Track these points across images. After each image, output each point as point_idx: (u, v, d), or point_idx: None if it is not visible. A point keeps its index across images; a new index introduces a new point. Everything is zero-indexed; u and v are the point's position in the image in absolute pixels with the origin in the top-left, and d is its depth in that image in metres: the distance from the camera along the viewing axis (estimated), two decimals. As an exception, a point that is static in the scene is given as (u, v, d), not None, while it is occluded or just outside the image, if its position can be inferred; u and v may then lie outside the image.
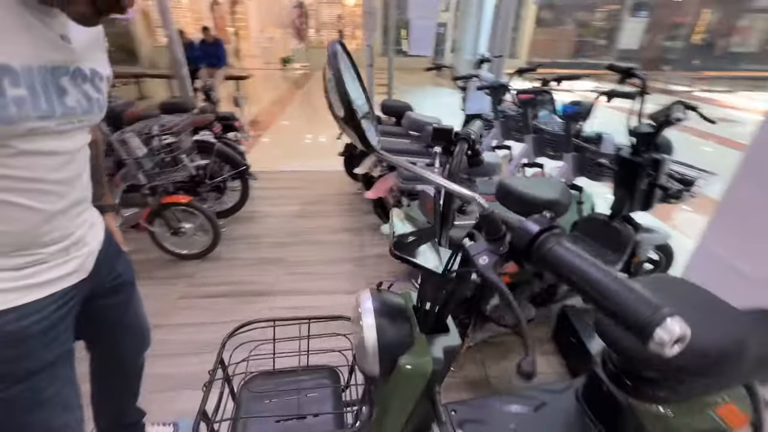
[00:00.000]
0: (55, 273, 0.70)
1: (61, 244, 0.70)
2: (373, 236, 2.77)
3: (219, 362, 0.85)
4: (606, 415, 1.07)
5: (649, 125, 1.69)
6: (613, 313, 0.31)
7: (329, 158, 4.12)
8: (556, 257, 0.37)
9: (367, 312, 0.70)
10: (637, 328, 0.28)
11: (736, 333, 0.85)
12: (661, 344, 0.27)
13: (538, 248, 0.39)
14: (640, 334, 0.28)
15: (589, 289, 0.33)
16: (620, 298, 0.30)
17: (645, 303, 0.29)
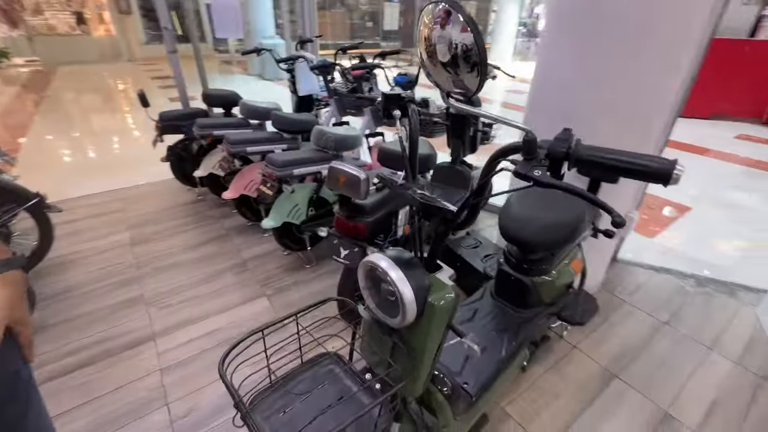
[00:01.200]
0: None
1: None
2: (246, 237, 2.55)
3: (236, 405, 0.73)
4: (515, 297, 1.43)
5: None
6: (641, 171, 0.51)
7: (143, 168, 3.42)
8: (589, 155, 0.55)
9: (392, 268, 0.75)
10: (661, 174, 0.49)
11: (580, 211, 1.30)
12: (677, 178, 0.48)
13: (576, 153, 0.56)
14: (665, 176, 0.49)
15: (617, 164, 0.52)
16: (641, 161, 0.50)
17: (659, 160, 0.49)
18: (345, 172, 1.35)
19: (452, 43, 0.56)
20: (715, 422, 1.47)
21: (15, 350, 0.63)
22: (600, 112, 1.63)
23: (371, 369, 0.96)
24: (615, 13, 1.45)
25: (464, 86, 0.62)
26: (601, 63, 1.54)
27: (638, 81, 1.54)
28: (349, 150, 2.20)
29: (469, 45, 0.55)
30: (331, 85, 2.98)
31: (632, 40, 1.47)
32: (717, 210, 3.15)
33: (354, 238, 1.53)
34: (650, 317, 1.96)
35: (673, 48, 1.49)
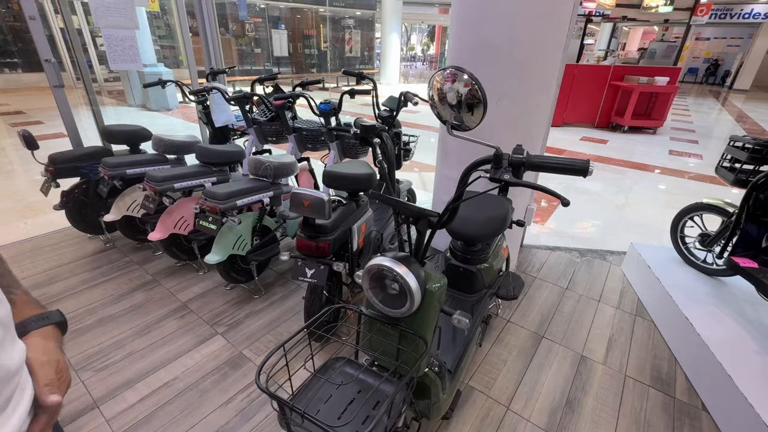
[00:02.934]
0: None
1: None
2: (178, 279, 2.38)
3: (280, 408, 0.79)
4: (465, 284, 1.70)
5: (386, 110, 2.45)
6: (570, 169, 0.78)
7: (30, 219, 2.92)
8: (538, 161, 0.80)
9: (397, 265, 0.92)
10: (583, 169, 0.76)
11: (505, 208, 1.63)
12: (592, 170, 0.76)
13: (529, 161, 0.81)
14: (584, 171, 0.76)
15: (558, 165, 0.79)
16: (570, 162, 0.78)
17: (580, 161, 0.77)
18: (309, 196, 1.46)
19: (459, 92, 0.78)
20: (614, 353, 1.94)
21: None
22: (502, 126, 2.04)
23: (376, 363, 1.09)
24: (505, 48, 1.87)
25: (461, 120, 0.84)
26: (498, 87, 1.96)
27: (525, 100, 1.99)
28: (287, 177, 2.27)
29: (469, 95, 0.77)
30: (249, 115, 2.99)
31: (519, 70, 1.91)
32: (580, 196, 4.01)
33: (318, 257, 1.63)
34: (555, 286, 2.45)
35: (546, 73, 1.98)
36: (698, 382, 1.74)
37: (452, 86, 0.82)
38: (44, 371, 0.57)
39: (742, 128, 8.11)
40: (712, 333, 1.76)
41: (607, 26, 11.96)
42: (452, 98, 0.82)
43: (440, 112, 0.88)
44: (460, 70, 0.80)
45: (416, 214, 0.92)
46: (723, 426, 1.56)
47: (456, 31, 2.05)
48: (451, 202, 0.93)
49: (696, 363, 1.78)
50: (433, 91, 0.86)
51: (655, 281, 2.20)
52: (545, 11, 1.82)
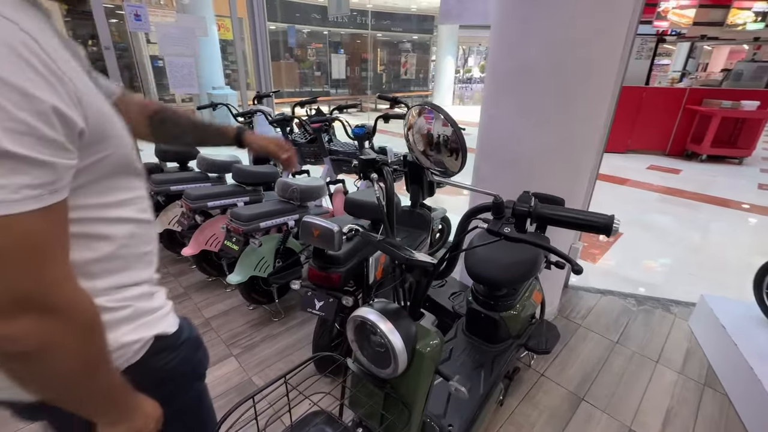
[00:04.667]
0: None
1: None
2: (206, 294, 2.44)
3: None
4: (486, 333, 1.52)
5: (419, 136, 2.36)
6: (587, 225, 0.62)
7: None
8: (547, 213, 0.66)
9: (381, 320, 0.81)
10: (605, 227, 0.61)
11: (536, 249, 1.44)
12: (616, 229, 0.60)
13: (536, 211, 0.67)
14: (607, 229, 0.61)
15: (571, 220, 0.64)
16: (588, 217, 0.62)
17: (601, 216, 0.62)
18: (319, 225, 1.40)
19: (436, 134, 0.68)
20: (674, 426, 1.61)
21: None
22: (540, 155, 1.85)
23: (362, 423, 0.97)
24: (544, 72, 1.71)
25: (443, 165, 0.73)
26: (538, 114, 1.78)
27: (569, 128, 1.80)
28: (314, 200, 2.26)
29: (449, 136, 0.66)
30: (290, 136, 3.07)
31: (561, 95, 1.73)
32: (644, 233, 3.56)
33: (328, 288, 1.55)
34: (603, 338, 2.13)
35: (594, 98, 1.77)
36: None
37: (429, 125, 0.71)
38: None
39: None
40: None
41: (684, 46, 10.97)
42: (428, 140, 0.71)
43: (417, 156, 0.77)
44: (436, 109, 0.68)
45: (408, 262, 0.81)
46: None
47: (494, 54, 1.92)
48: (449, 250, 0.81)
49: None
50: (408, 128, 0.75)
51: (731, 345, 1.83)
52: (593, 33, 1.64)
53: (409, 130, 0.77)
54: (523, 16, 1.71)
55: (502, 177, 1.97)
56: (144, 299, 0.62)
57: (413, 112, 0.73)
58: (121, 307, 0.57)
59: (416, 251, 0.84)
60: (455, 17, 2.59)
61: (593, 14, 1.60)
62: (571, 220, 0.65)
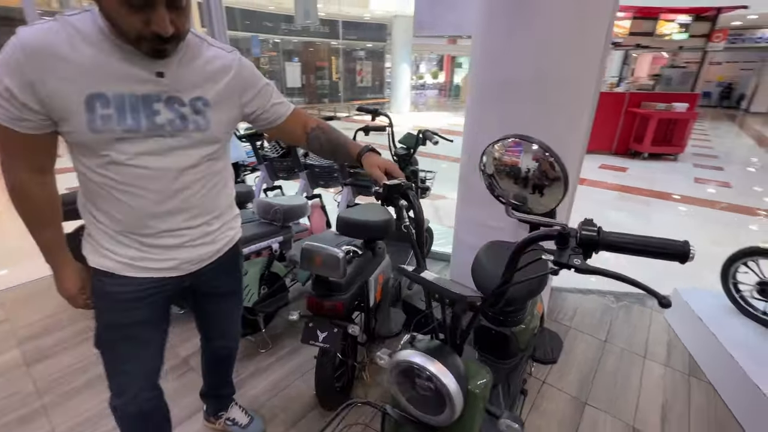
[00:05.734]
0: (151, 264, 0.95)
1: (160, 241, 0.93)
2: (180, 329, 2.21)
3: None
4: (498, 349, 1.49)
5: (403, 148, 2.32)
6: (659, 253, 0.60)
7: (21, 263, 2.83)
8: (615, 240, 0.63)
9: (430, 363, 0.74)
10: (679, 254, 0.58)
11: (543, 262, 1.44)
12: (693, 255, 0.58)
13: (604, 240, 0.63)
14: (683, 256, 0.58)
15: (641, 249, 0.61)
16: (660, 243, 0.60)
17: (674, 242, 0.59)
18: (321, 251, 1.30)
19: (525, 167, 0.62)
20: (671, 425, 1.67)
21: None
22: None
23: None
24: (528, 82, 1.73)
25: (524, 200, 0.68)
26: (524, 124, 1.80)
27: (554, 136, 1.82)
28: (297, 219, 2.13)
29: (539, 172, 0.61)
30: (260, 151, 2.91)
31: (545, 104, 1.76)
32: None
33: (331, 317, 1.44)
34: (593, 338, 2.20)
35: (576, 107, 1.82)
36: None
37: (514, 158, 0.66)
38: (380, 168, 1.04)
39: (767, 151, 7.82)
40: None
41: (618, 54, 11.99)
42: (516, 175, 0.66)
43: (499, 192, 0.72)
44: (527, 140, 0.64)
45: (455, 298, 0.75)
46: None
47: (477, 66, 1.93)
48: (499, 285, 0.76)
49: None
50: (490, 162, 0.70)
51: (710, 336, 1.95)
52: (575, 44, 1.69)
53: (489, 165, 0.71)
54: (507, 29, 1.73)
55: (492, 187, 1.97)
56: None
57: (496, 148, 0.67)
58: None
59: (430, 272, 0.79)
60: (429, 29, 2.59)
61: (574, 25, 1.65)
62: (641, 248, 0.63)
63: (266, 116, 1.03)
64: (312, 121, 1.10)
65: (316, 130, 1.09)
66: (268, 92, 1.02)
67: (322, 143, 1.10)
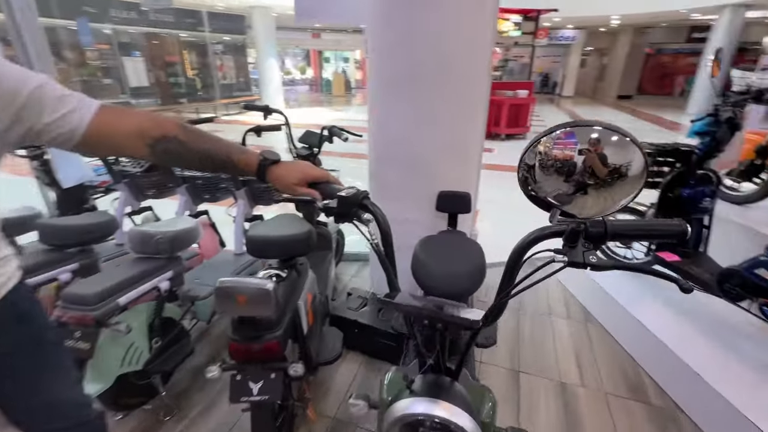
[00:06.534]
0: None
1: None
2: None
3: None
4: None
5: (305, 148, 2.09)
6: (661, 234, 0.58)
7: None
8: (620, 229, 0.58)
9: (441, 407, 0.61)
10: (677, 234, 0.57)
11: (479, 249, 1.44)
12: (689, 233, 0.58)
13: (612, 230, 0.58)
14: (682, 235, 0.57)
15: (643, 233, 0.59)
16: (659, 226, 0.58)
17: (671, 224, 0.58)
18: (245, 288, 1.03)
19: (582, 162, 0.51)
20: (586, 370, 1.90)
21: None
22: (439, 154, 1.88)
23: None
24: (433, 74, 1.72)
25: (565, 200, 0.57)
26: (432, 115, 1.79)
27: (459, 125, 1.87)
28: (189, 246, 1.73)
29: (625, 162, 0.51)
30: (115, 167, 2.30)
31: (451, 94, 1.78)
32: (492, 206, 4.20)
33: (266, 362, 1.18)
34: (509, 309, 2.38)
35: (475, 95, 1.88)
36: (664, 382, 1.80)
37: (569, 151, 0.55)
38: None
39: (582, 128, 9.88)
40: (666, 331, 1.84)
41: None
42: (567, 171, 0.55)
43: (538, 185, 0.61)
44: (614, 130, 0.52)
45: (451, 322, 0.63)
46: (700, 422, 1.60)
47: (376, 59, 1.83)
48: (504, 294, 0.67)
49: (654, 361, 1.85)
50: (535, 158, 0.58)
51: (593, 284, 2.30)
52: (469, 34, 1.72)
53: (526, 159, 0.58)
54: (406, 20, 1.66)
55: (408, 181, 1.92)
56: None
57: (546, 140, 0.54)
58: None
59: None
60: (311, 16, 2.38)
61: (466, 17, 1.67)
62: (645, 233, 0.61)
63: (52, 133, 0.66)
64: (160, 127, 0.74)
65: (166, 140, 0.74)
66: (42, 99, 0.65)
67: (182, 156, 0.77)
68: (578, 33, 17.84)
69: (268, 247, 1.42)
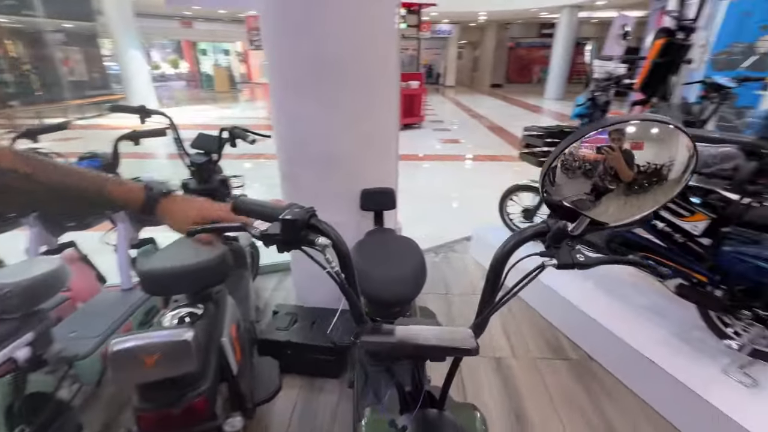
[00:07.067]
0: None
1: None
2: None
3: None
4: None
5: (200, 155, 1.78)
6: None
7: None
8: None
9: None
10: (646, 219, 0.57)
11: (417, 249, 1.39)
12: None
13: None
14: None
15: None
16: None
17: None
18: (154, 345, 0.79)
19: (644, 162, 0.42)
20: (514, 341, 2.05)
21: None
22: (359, 149, 1.79)
23: None
24: (347, 65, 1.60)
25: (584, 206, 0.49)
26: (349, 109, 1.68)
27: (378, 118, 1.80)
28: (54, 294, 1.32)
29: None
30: None
31: (366, 86, 1.69)
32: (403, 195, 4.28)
33: (193, 426, 0.95)
34: (438, 295, 2.44)
35: (389, 86, 1.82)
36: (576, 338, 2.03)
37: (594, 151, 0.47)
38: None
39: (466, 113, 10.81)
40: (572, 293, 2.08)
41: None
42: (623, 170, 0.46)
43: (551, 192, 0.52)
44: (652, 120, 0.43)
45: (449, 353, 0.55)
46: (606, 363, 1.85)
47: (278, 48, 1.64)
48: (491, 307, 0.62)
49: (566, 321, 2.08)
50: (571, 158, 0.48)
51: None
52: (373, 23, 1.64)
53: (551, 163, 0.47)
54: (305, 5, 1.50)
55: (327, 181, 1.79)
56: None
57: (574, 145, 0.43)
58: None
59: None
60: (186, 1, 2.02)
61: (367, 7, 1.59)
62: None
63: None
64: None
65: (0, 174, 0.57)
66: None
67: (31, 194, 0.62)
68: (453, 27, 19.39)
69: (174, 281, 1.14)
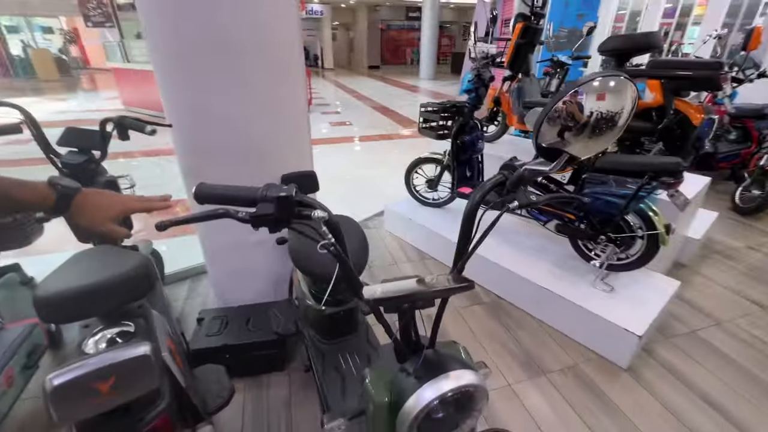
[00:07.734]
0: None
1: None
2: None
3: None
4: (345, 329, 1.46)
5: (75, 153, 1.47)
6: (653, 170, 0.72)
7: None
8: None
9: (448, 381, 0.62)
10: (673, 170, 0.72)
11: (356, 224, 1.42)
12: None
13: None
14: (676, 171, 0.73)
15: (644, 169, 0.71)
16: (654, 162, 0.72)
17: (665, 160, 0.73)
18: (105, 367, 0.68)
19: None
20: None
21: None
22: (275, 137, 1.72)
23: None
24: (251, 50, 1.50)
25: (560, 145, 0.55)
26: (257, 91, 1.59)
27: (289, 104, 1.75)
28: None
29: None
30: None
31: (271, 68, 1.61)
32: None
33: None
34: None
35: (296, 70, 1.76)
36: (487, 283, 2.37)
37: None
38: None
39: (350, 95, 10.94)
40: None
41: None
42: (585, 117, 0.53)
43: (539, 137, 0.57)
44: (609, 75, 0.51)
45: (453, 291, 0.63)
46: (512, 299, 2.22)
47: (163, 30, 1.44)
48: (471, 250, 0.70)
49: (477, 270, 2.41)
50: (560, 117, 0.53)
51: (414, 224, 2.72)
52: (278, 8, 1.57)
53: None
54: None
55: (243, 171, 1.68)
56: None
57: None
58: None
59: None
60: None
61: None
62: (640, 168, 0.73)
63: None
64: None
65: None
66: None
67: None
68: (325, 8, 19.05)
69: (87, 302, 0.97)
